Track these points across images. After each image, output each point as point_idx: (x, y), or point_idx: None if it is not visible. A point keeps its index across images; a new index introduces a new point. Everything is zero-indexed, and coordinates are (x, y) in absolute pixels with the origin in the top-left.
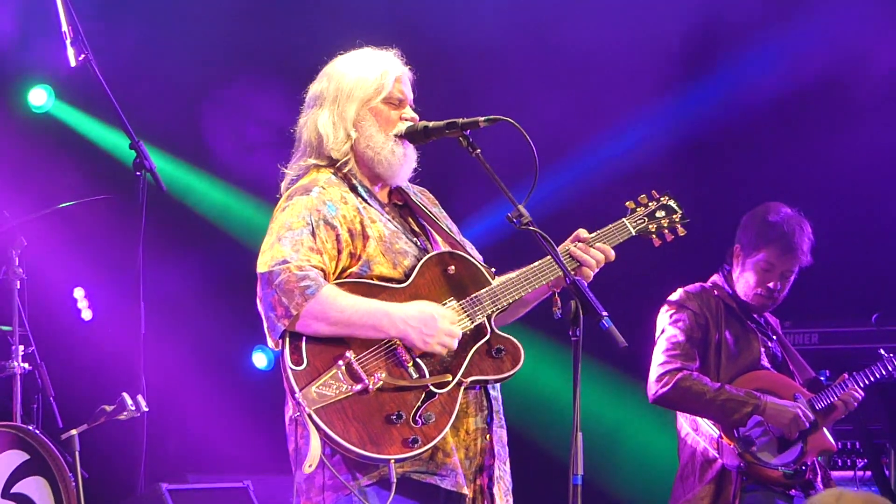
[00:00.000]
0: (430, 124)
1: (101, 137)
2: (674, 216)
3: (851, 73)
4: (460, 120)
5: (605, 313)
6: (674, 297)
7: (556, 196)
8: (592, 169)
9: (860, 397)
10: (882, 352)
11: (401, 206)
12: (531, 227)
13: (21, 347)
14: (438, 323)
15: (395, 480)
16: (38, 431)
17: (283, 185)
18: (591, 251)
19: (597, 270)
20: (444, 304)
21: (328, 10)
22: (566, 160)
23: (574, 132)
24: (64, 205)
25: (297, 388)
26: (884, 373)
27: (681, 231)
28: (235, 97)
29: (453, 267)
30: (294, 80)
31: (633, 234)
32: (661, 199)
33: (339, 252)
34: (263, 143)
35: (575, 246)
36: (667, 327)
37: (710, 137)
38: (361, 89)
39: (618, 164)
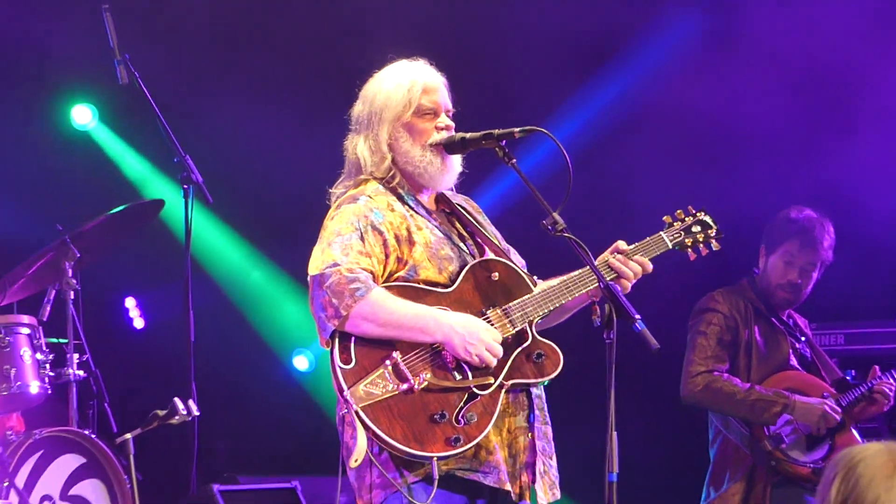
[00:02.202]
0: (468, 135)
1: (139, 157)
2: (709, 231)
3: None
4: (496, 131)
5: (637, 316)
6: (705, 300)
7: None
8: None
9: (893, 391)
10: None
11: (448, 213)
12: (566, 234)
13: (76, 356)
14: (481, 335)
15: (437, 477)
16: (93, 436)
17: (334, 190)
18: (630, 263)
19: (634, 282)
20: (486, 309)
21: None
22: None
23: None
24: (114, 210)
25: (345, 387)
26: None
27: (715, 246)
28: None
29: (497, 273)
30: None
31: (670, 247)
32: (698, 214)
33: (387, 256)
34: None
35: (614, 257)
36: (698, 330)
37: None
38: (391, 109)
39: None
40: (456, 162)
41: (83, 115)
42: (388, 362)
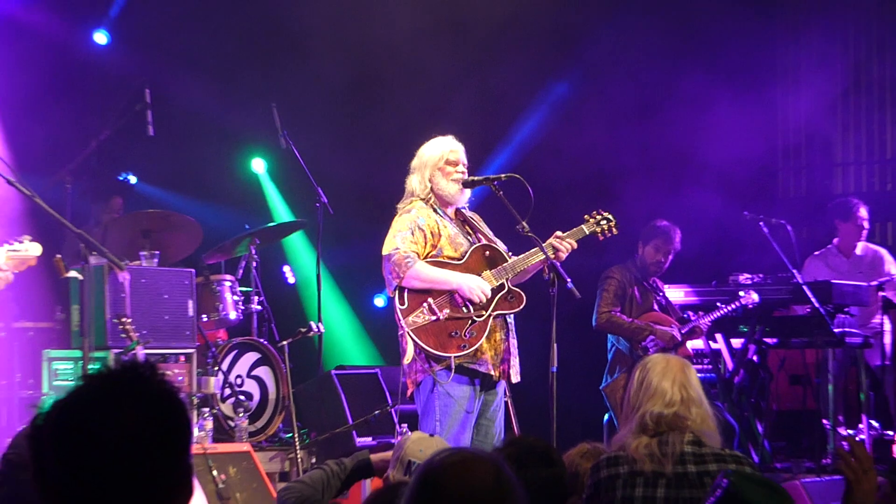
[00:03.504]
0: (475, 178)
1: (280, 193)
2: (610, 223)
3: None
4: (492, 177)
5: (568, 279)
6: (607, 271)
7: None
8: None
9: (706, 327)
10: (718, 304)
11: (462, 220)
12: (528, 233)
13: (256, 298)
14: (479, 284)
15: (453, 367)
16: (264, 342)
17: (400, 206)
18: (564, 243)
19: (567, 254)
20: (482, 272)
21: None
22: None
23: None
24: (279, 222)
25: (402, 318)
26: (716, 315)
27: (615, 231)
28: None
29: (488, 252)
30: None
31: (587, 233)
32: (603, 213)
33: (426, 243)
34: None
35: (555, 239)
36: (603, 288)
37: None
38: (432, 160)
39: None
40: (467, 193)
41: (258, 165)
42: (424, 304)
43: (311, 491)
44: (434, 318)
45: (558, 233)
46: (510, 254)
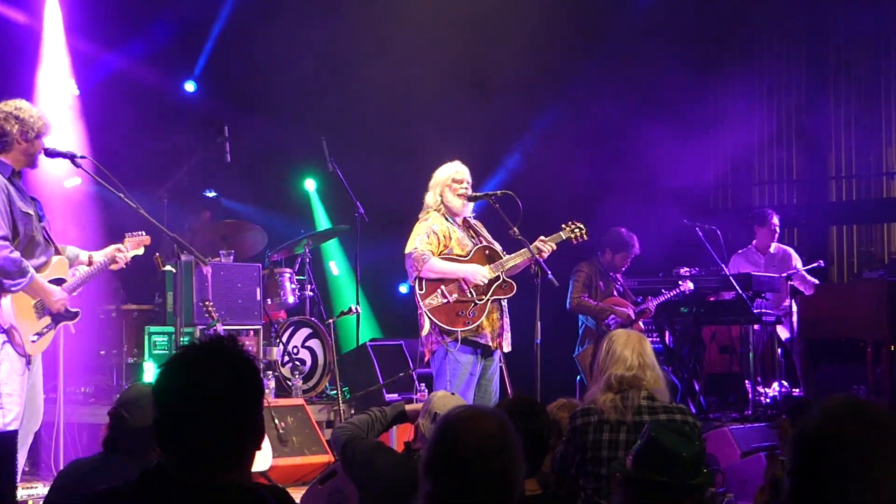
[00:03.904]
0: (477, 194)
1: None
2: (582, 231)
3: None
4: (490, 192)
5: (549, 272)
6: (577, 266)
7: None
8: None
9: (653, 307)
10: (663, 290)
11: (467, 227)
12: (518, 237)
13: (308, 286)
14: (479, 271)
15: (460, 339)
16: (315, 320)
17: (420, 216)
18: (546, 245)
19: (548, 253)
20: (484, 265)
21: None
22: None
23: None
24: (328, 228)
25: (421, 301)
26: (662, 299)
27: (585, 237)
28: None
29: (488, 251)
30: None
31: (564, 238)
32: (577, 223)
33: (439, 244)
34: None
35: (540, 242)
36: (575, 279)
37: None
38: (443, 179)
39: None
40: (470, 205)
41: (310, 184)
42: (438, 290)
43: (359, 431)
44: (445, 300)
45: (542, 237)
46: (504, 252)
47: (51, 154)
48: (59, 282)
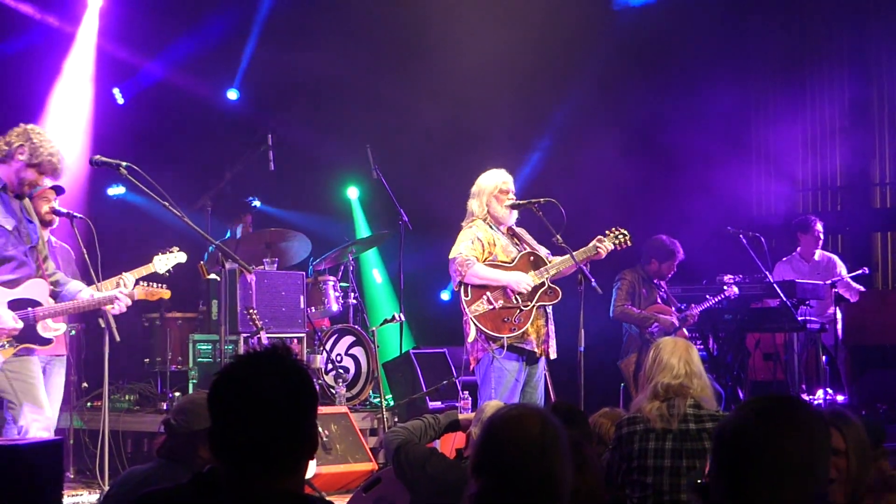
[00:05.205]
0: (521, 201)
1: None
2: (626, 237)
3: None
4: (534, 200)
5: (593, 279)
6: (621, 273)
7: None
8: None
9: (696, 316)
10: (707, 297)
11: (512, 234)
12: (562, 244)
13: (352, 294)
14: (523, 279)
15: (505, 345)
16: (359, 328)
17: (463, 224)
18: (603, 244)
19: (606, 253)
20: (528, 272)
21: None
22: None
23: None
24: (372, 234)
25: (466, 307)
26: (706, 305)
27: (629, 244)
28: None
29: (532, 257)
30: None
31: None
32: (621, 229)
33: (483, 251)
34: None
35: (597, 241)
36: (618, 287)
37: None
38: (489, 188)
39: None
40: (515, 213)
41: (353, 192)
42: (483, 296)
43: (411, 435)
44: (491, 307)
45: (600, 236)
46: (549, 258)
47: (98, 164)
48: (32, 303)
